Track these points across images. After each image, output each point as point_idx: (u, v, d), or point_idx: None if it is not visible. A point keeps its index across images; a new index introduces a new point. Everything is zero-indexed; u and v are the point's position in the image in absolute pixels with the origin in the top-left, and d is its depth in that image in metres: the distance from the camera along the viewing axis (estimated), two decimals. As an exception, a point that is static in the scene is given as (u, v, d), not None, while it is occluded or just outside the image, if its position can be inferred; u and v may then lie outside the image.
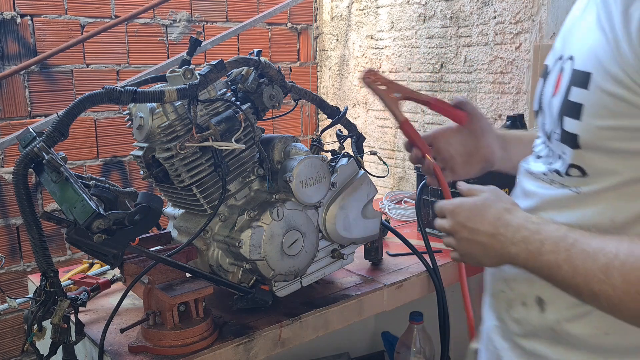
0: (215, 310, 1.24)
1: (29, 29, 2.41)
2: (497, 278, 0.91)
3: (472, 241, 0.85)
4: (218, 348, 1.11)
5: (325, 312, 1.28)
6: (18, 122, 2.42)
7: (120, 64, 2.67)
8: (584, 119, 0.72)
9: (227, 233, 1.21)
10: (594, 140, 0.72)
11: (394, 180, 2.96)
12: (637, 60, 0.65)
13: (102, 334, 1.10)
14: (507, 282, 0.89)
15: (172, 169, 1.14)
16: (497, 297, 0.93)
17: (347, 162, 1.35)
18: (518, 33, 2.25)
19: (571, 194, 0.78)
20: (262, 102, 1.26)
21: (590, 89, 0.71)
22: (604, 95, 0.69)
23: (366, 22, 3.04)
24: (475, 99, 2.45)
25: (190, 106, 1.11)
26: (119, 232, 0.98)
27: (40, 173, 1.00)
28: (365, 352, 2.06)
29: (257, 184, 1.27)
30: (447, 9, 2.54)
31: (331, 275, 1.43)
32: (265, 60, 1.25)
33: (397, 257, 1.59)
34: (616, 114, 0.69)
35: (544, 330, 0.83)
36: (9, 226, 2.46)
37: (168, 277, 1.14)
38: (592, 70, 0.71)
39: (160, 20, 2.76)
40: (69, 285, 1.34)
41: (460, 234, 0.87)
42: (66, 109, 0.98)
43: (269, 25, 3.16)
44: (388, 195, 2.07)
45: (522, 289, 0.86)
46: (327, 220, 1.31)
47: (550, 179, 0.82)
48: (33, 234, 0.95)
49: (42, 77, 2.47)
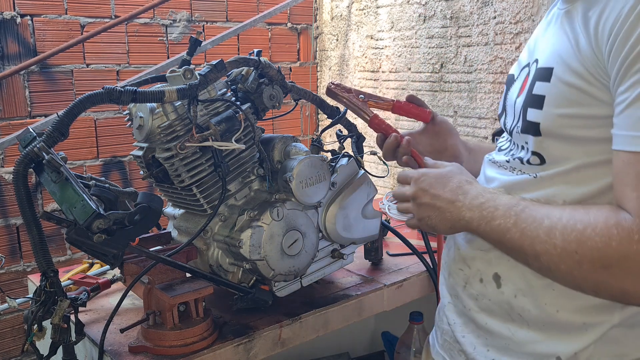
0: (215, 310, 1.24)
1: (29, 29, 2.41)
2: (456, 258, 0.97)
3: (431, 206, 0.90)
4: (218, 348, 1.11)
5: (325, 312, 1.28)
6: (18, 122, 2.41)
7: (120, 64, 2.67)
8: (545, 108, 0.79)
9: (227, 233, 1.21)
10: (553, 127, 0.79)
11: (394, 180, 2.96)
12: (593, 54, 0.72)
13: (102, 334, 1.10)
14: (465, 260, 0.94)
15: (172, 169, 1.14)
16: (454, 275, 0.98)
17: (347, 162, 1.35)
18: (518, 33, 2.25)
19: (529, 179, 0.85)
20: (262, 102, 1.26)
21: (551, 82, 0.78)
22: (563, 86, 0.77)
23: (366, 22, 3.04)
24: (475, 99, 2.45)
25: (190, 106, 1.11)
26: (119, 232, 0.98)
27: (40, 173, 1.00)
28: (365, 352, 2.06)
29: (257, 184, 1.27)
30: (447, 9, 2.54)
31: (331, 275, 1.43)
32: (265, 60, 1.25)
33: (397, 257, 1.59)
34: (573, 102, 0.76)
35: (500, 304, 0.88)
36: (9, 226, 2.46)
37: (168, 277, 1.14)
38: (554, 65, 0.79)
39: (160, 20, 2.75)
40: (69, 285, 1.34)
41: (421, 199, 0.92)
42: (66, 109, 0.98)
43: (269, 25, 3.16)
44: (388, 195, 2.07)
45: (481, 267, 0.91)
46: (327, 220, 1.31)
47: (511, 167, 0.89)
48: (33, 234, 0.96)
49: (42, 77, 2.47)
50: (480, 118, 2.44)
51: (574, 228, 0.71)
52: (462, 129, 2.52)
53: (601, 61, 0.72)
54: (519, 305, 0.86)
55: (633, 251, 0.66)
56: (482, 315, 0.91)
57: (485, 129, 2.42)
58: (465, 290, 0.94)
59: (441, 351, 1.01)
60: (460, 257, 0.96)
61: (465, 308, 0.95)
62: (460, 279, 0.96)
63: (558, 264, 0.73)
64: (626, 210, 0.68)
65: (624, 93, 0.68)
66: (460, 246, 0.96)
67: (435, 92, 2.66)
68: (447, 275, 1.00)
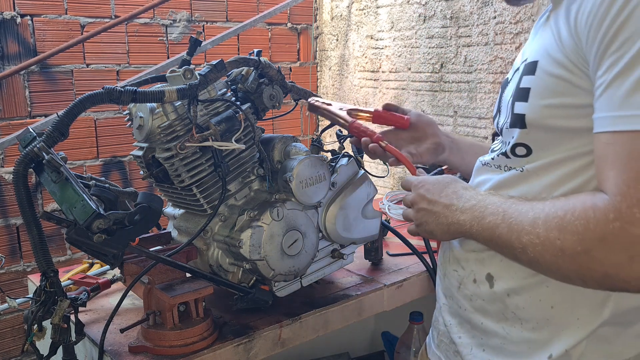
0: (215, 310, 1.24)
1: (29, 29, 2.41)
2: (451, 260, 0.98)
3: (428, 211, 0.92)
4: (218, 348, 1.11)
5: (325, 312, 1.28)
6: (18, 122, 2.41)
7: (120, 64, 2.67)
8: (530, 100, 0.80)
9: (227, 233, 1.21)
10: (538, 118, 0.80)
11: (394, 180, 2.96)
12: (574, 43, 0.74)
13: (102, 334, 1.10)
14: (459, 261, 0.95)
15: (172, 169, 1.14)
16: (448, 276, 0.98)
17: (347, 162, 1.35)
18: (518, 33, 2.25)
19: (517, 173, 0.86)
20: (262, 102, 1.26)
21: (536, 74, 0.80)
22: (548, 77, 0.78)
23: (366, 22, 3.04)
24: (475, 99, 2.45)
25: (190, 106, 1.11)
26: (119, 232, 0.98)
27: (40, 173, 1.00)
28: (365, 352, 2.06)
29: (257, 184, 1.27)
30: (447, 9, 2.54)
31: (331, 275, 1.43)
32: (265, 60, 1.25)
33: (397, 257, 1.59)
34: (557, 92, 0.77)
35: (493, 303, 0.89)
36: (9, 226, 2.46)
37: (168, 277, 1.14)
38: (539, 59, 0.80)
39: (160, 20, 2.75)
40: (69, 285, 1.34)
41: (419, 205, 0.94)
42: (66, 109, 0.98)
43: (269, 25, 3.16)
44: (388, 195, 2.07)
45: (474, 267, 0.92)
46: (327, 220, 1.31)
47: (497, 164, 0.90)
48: (33, 234, 0.96)
49: (42, 77, 2.47)
50: (480, 118, 2.44)
51: (555, 215, 0.71)
52: (462, 129, 2.52)
53: (581, 49, 0.73)
54: (512, 303, 0.86)
55: (609, 231, 0.65)
56: (477, 315, 0.92)
57: (485, 129, 2.42)
58: (460, 290, 0.95)
59: (437, 352, 1.02)
60: (455, 259, 0.97)
61: (460, 309, 0.95)
62: (454, 280, 0.97)
63: (543, 254, 0.72)
64: (604, 192, 0.68)
65: (602, 77, 0.69)
66: (455, 247, 0.97)
67: (435, 92, 2.65)
68: (442, 277, 1.01)
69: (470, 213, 0.84)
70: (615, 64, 0.67)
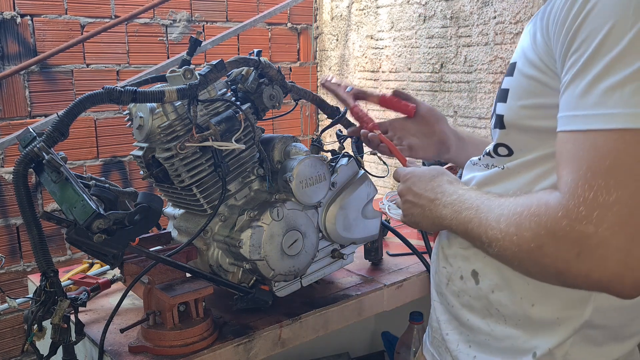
0: (215, 310, 1.24)
1: (29, 29, 2.41)
2: (440, 257, 1.00)
3: (414, 204, 0.94)
4: (218, 348, 1.11)
5: (325, 312, 1.28)
6: (18, 122, 2.41)
7: (120, 64, 2.67)
8: (509, 101, 0.82)
9: (227, 233, 1.21)
10: (515, 119, 0.82)
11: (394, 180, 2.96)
12: (545, 44, 0.75)
13: (102, 334, 1.10)
14: (447, 258, 0.97)
15: (172, 169, 1.14)
16: (439, 273, 1.00)
17: (347, 162, 1.35)
18: (518, 33, 2.25)
19: (498, 171, 0.88)
20: (262, 102, 1.26)
21: (514, 75, 0.82)
22: (523, 78, 0.80)
23: (366, 22, 3.04)
24: (475, 99, 2.45)
25: (190, 106, 1.11)
26: (119, 232, 0.98)
27: (40, 173, 1.00)
28: (365, 352, 2.06)
29: (257, 184, 1.27)
30: (447, 9, 2.54)
31: (331, 275, 1.43)
32: (265, 60, 1.25)
33: (397, 257, 1.59)
34: (532, 93, 0.79)
35: (479, 300, 0.90)
36: (9, 226, 2.46)
37: (168, 277, 1.14)
38: (517, 60, 0.82)
39: (160, 20, 2.75)
40: (69, 285, 1.34)
41: (406, 197, 0.97)
42: (66, 109, 0.98)
43: (269, 25, 3.16)
44: (388, 195, 2.07)
45: (461, 264, 0.94)
46: (327, 220, 1.31)
47: (484, 164, 0.92)
48: (33, 234, 0.95)
49: (42, 77, 2.47)
50: (480, 118, 2.44)
51: (515, 212, 0.72)
52: (462, 128, 2.52)
53: (550, 49, 0.74)
54: (496, 300, 0.87)
55: (559, 228, 0.66)
56: (464, 311, 0.93)
57: (486, 128, 2.42)
58: (448, 287, 0.96)
59: (431, 348, 1.03)
60: (444, 256, 0.98)
61: (449, 305, 0.97)
62: (443, 277, 0.98)
63: (505, 249, 0.73)
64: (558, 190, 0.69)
65: (565, 77, 0.70)
66: (444, 245, 0.98)
67: (435, 92, 2.65)
68: (434, 274, 1.03)
69: (451, 207, 0.86)
70: (575, 64, 0.68)
